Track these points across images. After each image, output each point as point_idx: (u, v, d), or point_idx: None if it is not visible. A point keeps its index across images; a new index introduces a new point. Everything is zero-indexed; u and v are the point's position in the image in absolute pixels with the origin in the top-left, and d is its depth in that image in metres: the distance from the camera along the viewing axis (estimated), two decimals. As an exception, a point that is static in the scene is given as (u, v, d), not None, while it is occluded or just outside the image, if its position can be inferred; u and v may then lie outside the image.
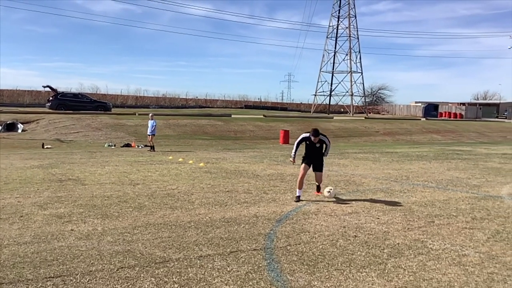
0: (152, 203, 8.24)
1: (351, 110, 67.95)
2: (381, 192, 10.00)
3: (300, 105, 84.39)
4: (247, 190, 9.74)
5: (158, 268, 4.92)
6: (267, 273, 4.83)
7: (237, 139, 29.14)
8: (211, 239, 6.03)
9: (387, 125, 41.56)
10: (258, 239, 6.09)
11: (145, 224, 6.74)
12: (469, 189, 10.67)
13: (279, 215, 7.51)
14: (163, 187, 9.92)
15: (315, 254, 5.52)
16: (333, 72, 72.29)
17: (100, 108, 39.43)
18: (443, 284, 4.64)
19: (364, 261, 5.30)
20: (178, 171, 12.61)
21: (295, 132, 32.49)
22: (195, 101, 75.36)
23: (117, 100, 65.18)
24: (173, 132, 29.31)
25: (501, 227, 7.08)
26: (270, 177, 11.83)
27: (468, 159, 18.32)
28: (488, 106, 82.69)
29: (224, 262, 5.14)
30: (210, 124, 33.61)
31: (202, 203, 8.30)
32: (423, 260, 5.39)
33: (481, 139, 37.66)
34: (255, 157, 17.37)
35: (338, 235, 6.41)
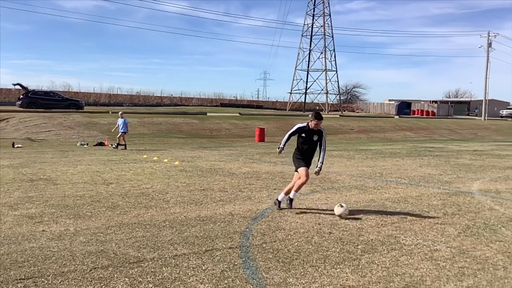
0: (126, 202, 8.13)
1: (326, 108, 68.48)
2: (355, 189, 10.11)
3: (276, 103, 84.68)
4: (223, 189, 9.71)
5: (132, 268, 4.86)
6: (243, 271, 4.83)
7: (212, 137, 29.04)
8: (186, 238, 5.99)
9: (361, 123, 42.06)
10: (233, 237, 6.08)
11: (118, 224, 6.65)
12: (441, 185, 10.89)
13: (255, 213, 7.51)
14: (137, 186, 9.80)
15: (290, 251, 5.54)
16: (308, 70, 72.76)
17: (72, 106, 38.78)
18: (415, 279, 4.72)
19: (338, 257, 5.35)
20: (152, 170, 12.49)
21: (271, 130, 32.56)
22: (170, 99, 74.80)
23: (90, 98, 64.19)
24: (147, 131, 29.01)
25: (472, 222, 7.24)
26: (246, 175, 11.82)
27: (439, 156, 18.70)
28: (459, 104, 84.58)
29: (199, 261, 5.11)
30: (185, 122, 33.39)
31: (177, 202, 8.24)
32: (396, 255, 5.47)
33: (452, 136, 38.49)
34: (230, 155, 17.35)
35: (313, 232, 6.45)
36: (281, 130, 34.21)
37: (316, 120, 7.52)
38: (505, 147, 24.54)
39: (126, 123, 19.61)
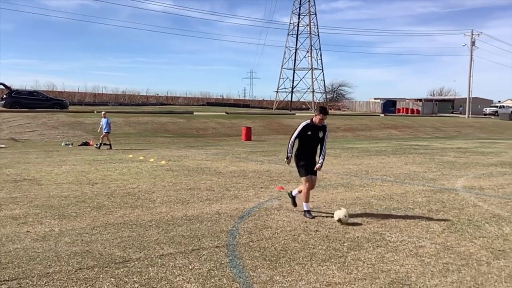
0: (111, 202, 8.07)
1: (313, 107, 68.74)
2: (341, 186, 10.17)
3: (263, 101, 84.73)
4: (210, 188, 9.69)
5: (118, 268, 4.83)
6: (230, 270, 4.83)
7: (199, 137, 28.96)
8: (172, 238, 5.97)
9: (347, 121, 42.29)
10: (220, 236, 6.08)
11: (104, 224, 6.60)
12: (426, 182, 11.00)
13: (242, 212, 7.51)
14: (123, 186, 9.74)
15: (277, 250, 5.55)
16: (294, 69, 72.97)
17: (57, 106, 38.37)
18: (400, 275, 4.77)
19: (325, 255, 5.38)
20: (138, 169, 12.41)
21: (258, 129, 32.58)
22: (156, 98, 74.38)
23: (75, 98, 63.55)
24: (133, 130, 28.82)
25: (456, 218, 7.33)
26: (233, 174, 11.82)
27: (424, 153, 18.88)
28: (443, 102, 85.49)
29: (186, 260, 5.10)
30: (172, 121, 33.24)
31: (163, 202, 8.21)
32: (382, 252, 5.52)
33: (437, 134, 38.90)
34: (217, 154, 17.32)
35: (300, 230, 6.48)
36: (267, 129, 34.25)
37: (322, 115, 7.16)
38: (489, 145, 24.87)
39: (109, 123, 19.49)
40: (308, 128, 7.21)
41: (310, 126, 7.22)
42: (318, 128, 7.25)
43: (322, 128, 7.28)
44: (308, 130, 7.20)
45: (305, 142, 7.28)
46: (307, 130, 7.21)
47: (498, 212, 7.80)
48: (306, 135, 7.23)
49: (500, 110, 71.07)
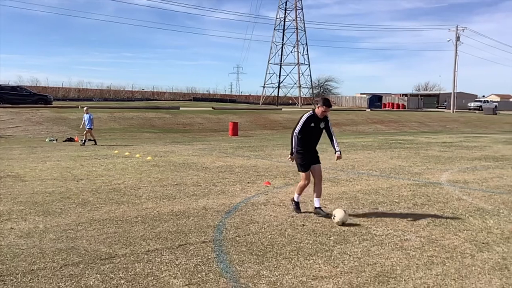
0: (97, 198, 8.01)
1: (299, 102, 68.89)
2: (328, 181, 10.21)
3: (249, 97, 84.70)
4: (196, 183, 9.66)
5: (104, 264, 4.80)
6: (216, 265, 4.82)
7: (185, 132, 28.84)
8: (159, 233, 5.94)
9: (333, 116, 42.43)
10: (207, 232, 6.07)
11: (89, 220, 6.55)
12: (411, 176, 11.10)
13: (228, 207, 7.51)
14: (109, 182, 9.66)
15: (264, 244, 5.56)
16: (281, 64, 72.98)
17: (41, 101, 37.86)
18: (386, 268, 4.81)
19: (311, 249, 5.40)
20: (124, 165, 12.33)
21: (244, 124, 32.55)
22: (142, 93, 73.89)
23: (59, 93, 62.85)
24: (118, 126, 28.60)
25: (440, 212, 7.41)
26: (219, 169, 11.80)
27: (410, 148, 19.05)
28: (429, 97, 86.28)
29: (173, 256, 5.08)
30: (158, 117, 33.06)
31: (149, 197, 8.16)
32: (367, 245, 5.56)
33: (422, 129, 39.27)
34: (204, 149, 17.27)
35: (287, 224, 6.49)
36: (254, 124, 34.24)
37: (325, 107, 6.85)
38: (473, 139, 25.18)
39: (91, 119, 19.23)
40: (311, 120, 6.94)
41: (313, 118, 6.95)
42: (320, 120, 6.98)
43: (323, 119, 7.00)
44: (311, 122, 6.94)
45: (306, 134, 6.98)
46: (310, 122, 6.93)
47: (482, 206, 7.90)
48: (308, 127, 6.95)
49: (484, 104, 72.01)
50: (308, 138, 7.01)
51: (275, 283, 4.36)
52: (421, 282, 4.44)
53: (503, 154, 16.68)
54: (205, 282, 4.36)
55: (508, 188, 9.60)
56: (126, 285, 4.28)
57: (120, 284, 4.30)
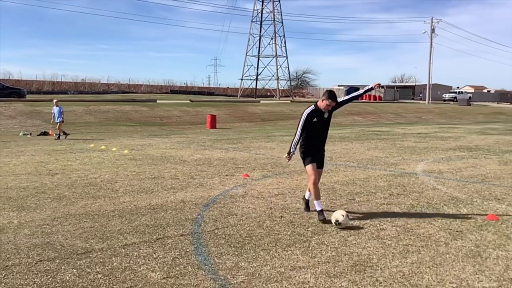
0: (72, 193, 7.89)
1: (277, 94, 68.99)
2: (306, 173, 10.26)
3: (227, 89, 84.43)
4: (174, 176, 9.61)
5: (80, 259, 4.74)
6: (195, 258, 4.81)
7: (163, 125, 28.61)
8: (136, 227, 5.89)
9: (311, 108, 42.58)
10: (185, 225, 6.04)
11: (65, 215, 6.45)
12: (387, 167, 11.25)
13: (207, 200, 7.49)
14: (84, 176, 9.53)
15: (242, 236, 5.57)
16: (259, 56, 72.85)
17: (14, 95, 37.08)
18: (362, 257, 4.87)
19: (289, 240, 5.44)
20: (100, 159, 12.16)
21: (223, 117, 32.46)
22: (118, 86, 72.92)
23: (32, 86, 61.54)
24: (94, 119, 28.20)
25: (416, 201, 7.54)
26: (198, 162, 11.75)
27: (386, 139, 19.30)
28: (404, 89, 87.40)
29: (150, 249, 5.05)
30: (134, 110, 32.69)
31: (126, 191, 8.08)
32: (345, 236, 5.62)
33: (398, 120, 39.80)
34: (182, 142, 17.17)
35: (265, 216, 6.52)
36: (232, 117, 34.18)
37: (330, 100, 6.30)
38: (448, 130, 25.65)
39: (61, 112, 18.86)
40: (314, 115, 6.40)
41: (316, 112, 6.40)
42: (323, 113, 6.46)
43: (325, 113, 6.49)
44: (314, 117, 6.39)
45: (310, 130, 6.44)
46: (312, 117, 6.39)
47: (456, 195, 8.07)
48: (311, 123, 6.41)
49: (459, 96, 73.37)
50: (313, 135, 6.48)
51: (253, 275, 4.38)
52: (397, 270, 4.52)
53: (477, 144, 17.04)
54: (183, 275, 4.35)
55: (481, 178, 9.82)
56: (103, 279, 4.24)
57: (97, 278, 4.26)
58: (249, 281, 4.23)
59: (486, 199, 7.76)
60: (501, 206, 7.28)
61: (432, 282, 4.24)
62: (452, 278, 4.34)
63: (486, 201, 7.58)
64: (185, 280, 4.23)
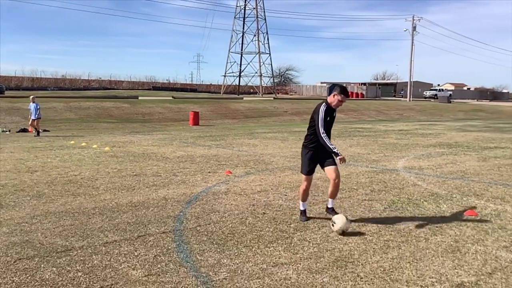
0: (52, 190, 7.78)
1: (260, 91, 68.97)
2: (288, 170, 10.30)
3: (210, 86, 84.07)
4: (156, 173, 9.54)
5: (60, 257, 4.67)
6: (176, 255, 4.79)
7: (145, 122, 28.38)
8: (117, 225, 5.83)
9: (295, 105, 42.79)
10: (167, 222, 6.01)
11: (44, 212, 6.35)
12: (369, 163, 11.35)
13: (189, 197, 7.45)
14: (65, 173, 9.40)
15: (224, 233, 5.56)
16: (242, 53, 72.69)
17: (-8, 91, 36.36)
18: (344, 253, 4.91)
19: (272, 237, 5.45)
20: (81, 156, 12.01)
21: (205, 114, 32.34)
22: (99, 82, 72.03)
23: (11, 82, 60.43)
24: (74, 116, 27.83)
25: (397, 197, 7.62)
26: (180, 159, 11.69)
27: (368, 136, 19.46)
28: (386, 86, 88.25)
29: (131, 247, 5.01)
30: (116, 106, 32.36)
31: (107, 188, 8.00)
32: (327, 232, 5.65)
33: (380, 117, 40.16)
34: (164, 139, 17.06)
35: (248, 213, 6.51)
36: (215, 114, 34.08)
37: (343, 96, 5.87)
38: (428, 126, 25.98)
39: (38, 108, 18.51)
40: (328, 112, 5.93)
41: (328, 109, 5.94)
42: (333, 110, 6.03)
43: (334, 110, 6.07)
44: (328, 115, 5.92)
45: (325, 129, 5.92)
46: (327, 115, 5.91)
47: (436, 191, 8.18)
48: (326, 121, 5.90)
49: (439, 93, 74.36)
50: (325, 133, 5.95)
51: (235, 271, 4.37)
52: (378, 265, 4.56)
53: (457, 141, 17.30)
54: (165, 273, 4.32)
55: (460, 174, 9.97)
56: (83, 277, 4.19)
57: (77, 276, 4.20)
58: (231, 277, 4.23)
59: (465, 195, 7.88)
60: (480, 201, 7.40)
61: (412, 277, 4.29)
62: (432, 273, 4.39)
63: (465, 197, 7.70)
64: (166, 278, 4.20)
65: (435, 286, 4.10)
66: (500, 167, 10.89)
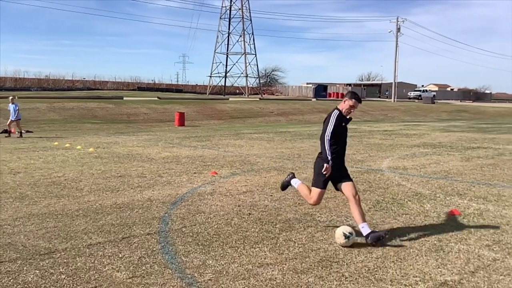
0: (35, 192, 7.68)
1: (246, 92, 68.95)
2: (274, 170, 10.32)
3: (196, 86, 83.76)
4: (141, 174, 9.48)
5: (43, 260, 4.61)
6: (161, 256, 4.76)
7: (130, 123, 28.18)
8: (101, 227, 5.78)
9: (280, 106, 42.88)
10: (152, 223, 5.97)
11: (27, 215, 6.27)
12: (354, 164, 11.41)
13: (174, 198, 7.42)
14: (48, 175, 9.28)
15: (210, 234, 5.55)
16: (227, 54, 72.56)
17: (-26, 91, 35.78)
18: (329, 253, 4.93)
19: (257, 237, 5.45)
20: (64, 157, 11.88)
21: (191, 114, 32.23)
22: (83, 82, 71.31)
23: (-6, 83, 59.50)
24: (58, 116, 27.52)
25: (381, 197, 7.68)
26: (165, 160, 11.63)
27: (353, 136, 19.57)
28: (371, 87, 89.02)
29: (116, 249, 4.97)
30: (100, 107, 32.08)
31: (91, 190, 7.92)
32: (312, 232, 5.68)
33: (365, 118, 40.43)
34: (149, 140, 16.96)
35: (233, 214, 6.51)
36: (201, 114, 33.99)
37: (354, 101, 5.40)
38: (412, 127, 26.23)
39: (16, 110, 18.14)
40: (341, 119, 5.44)
41: (341, 116, 5.45)
42: (346, 119, 5.54)
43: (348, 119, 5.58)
44: (342, 122, 5.45)
45: (338, 137, 5.45)
46: (341, 121, 5.43)
47: (420, 191, 8.26)
48: (339, 128, 5.44)
49: (423, 94, 75.20)
50: (341, 143, 5.52)
51: (221, 272, 4.36)
52: (362, 265, 4.59)
53: (440, 141, 17.50)
54: (150, 274, 4.29)
55: (444, 174, 10.08)
56: (67, 280, 4.14)
57: (60, 279, 4.16)
58: (216, 279, 4.22)
59: (448, 194, 7.98)
60: (463, 201, 7.50)
61: (396, 276, 4.33)
62: (416, 272, 4.44)
63: (448, 197, 7.79)
64: (151, 279, 4.18)
65: (419, 285, 4.14)
66: (482, 167, 11.04)
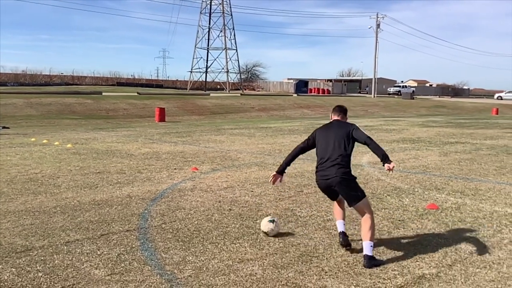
0: (11, 189, 7.52)
1: (227, 87, 68.79)
2: (255, 166, 10.31)
3: (176, 82, 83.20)
4: (120, 170, 9.37)
5: (20, 257, 4.53)
6: (141, 253, 4.72)
7: (109, 118, 27.85)
8: (79, 224, 5.70)
9: (261, 101, 42.86)
10: (131, 220, 5.91)
11: (3, 212, 6.14)
12: (334, 159, 11.46)
13: (154, 194, 7.36)
14: (25, 171, 9.11)
15: (190, 230, 5.52)
16: (208, 49, 72.25)
17: None
18: (309, 248, 4.95)
19: (238, 233, 5.44)
20: (42, 153, 11.67)
21: (172, 110, 31.99)
22: (61, 77, 70.23)
23: (-31, 78, 58.17)
24: (35, 112, 27.04)
25: (361, 192, 7.73)
26: (145, 156, 11.52)
27: (333, 131, 19.66)
28: (352, 82, 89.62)
29: (94, 246, 4.90)
30: (78, 102, 31.62)
31: (69, 187, 7.80)
32: (292, 227, 5.69)
33: (345, 113, 40.67)
34: (129, 136, 16.78)
35: (214, 209, 6.48)
36: (182, 110, 33.78)
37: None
38: (392, 122, 26.51)
39: None
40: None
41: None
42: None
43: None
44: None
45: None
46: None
47: (399, 185, 8.36)
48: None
49: (403, 89, 76.02)
50: None
51: (201, 268, 4.34)
52: (342, 259, 4.62)
53: (419, 136, 17.72)
54: (129, 271, 4.25)
55: (423, 168, 10.22)
56: (44, 278, 4.07)
57: (37, 277, 4.08)
58: (196, 275, 4.20)
59: (427, 189, 8.09)
60: (440, 195, 7.61)
61: (375, 270, 4.37)
62: (394, 266, 4.49)
63: (427, 191, 7.90)
64: (130, 276, 4.13)
65: (397, 279, 4.19)
66: (460, 162, 11.22)
